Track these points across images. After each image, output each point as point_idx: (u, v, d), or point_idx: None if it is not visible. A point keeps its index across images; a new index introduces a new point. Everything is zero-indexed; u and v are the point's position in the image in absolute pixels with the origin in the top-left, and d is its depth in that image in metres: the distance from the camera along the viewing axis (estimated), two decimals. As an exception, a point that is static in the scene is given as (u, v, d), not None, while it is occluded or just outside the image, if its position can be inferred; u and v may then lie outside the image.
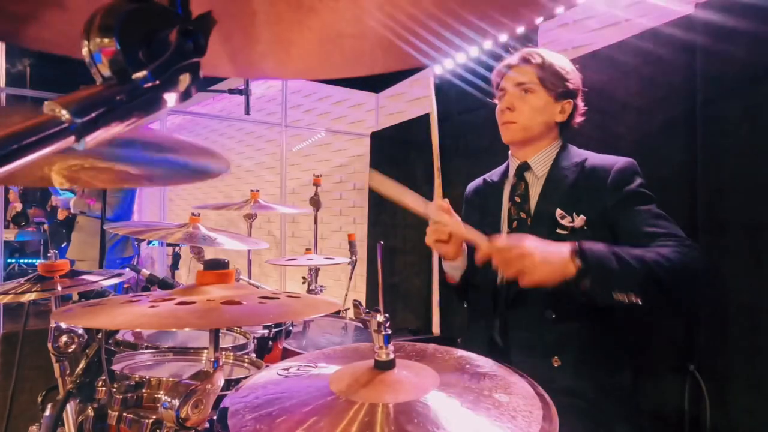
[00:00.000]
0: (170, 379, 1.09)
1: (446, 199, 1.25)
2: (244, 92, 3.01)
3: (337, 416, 0.63)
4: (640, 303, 1.07)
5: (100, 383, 1.06)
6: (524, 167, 1.38)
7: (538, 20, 0.47)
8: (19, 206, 6.29)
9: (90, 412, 1.04)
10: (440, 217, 1.21)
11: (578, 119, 1.41)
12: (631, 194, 1.24)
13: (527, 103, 1.34)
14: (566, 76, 1.35)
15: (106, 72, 0.33)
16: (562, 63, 1.37)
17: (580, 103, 1.40)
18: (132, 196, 3.72)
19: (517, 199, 1.37)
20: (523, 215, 1.35)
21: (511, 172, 1.42)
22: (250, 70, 0.59)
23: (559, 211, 1.27)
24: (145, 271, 1.42)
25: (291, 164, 5.06)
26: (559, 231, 1.26)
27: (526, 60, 1.36)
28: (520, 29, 0.48)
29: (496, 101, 1.44)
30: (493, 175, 1.51)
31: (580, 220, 1.24)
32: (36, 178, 0.69)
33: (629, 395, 1.28)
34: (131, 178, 0.76)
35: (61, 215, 4.02)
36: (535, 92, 1.34)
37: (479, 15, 0.46)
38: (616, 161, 1.29)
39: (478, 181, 1.56)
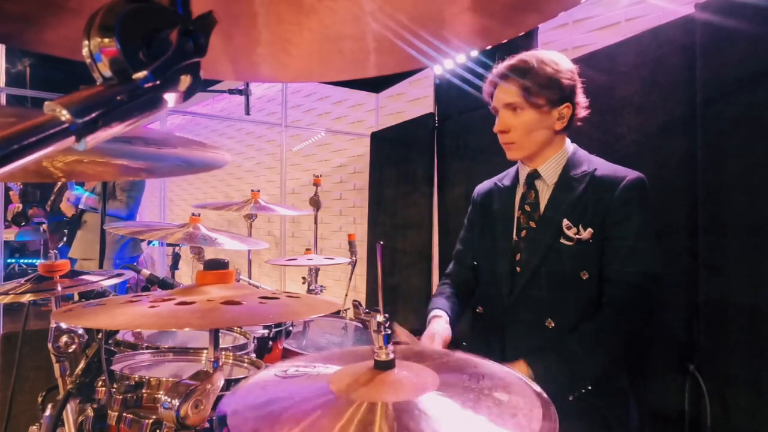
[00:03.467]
0: (170, 379, 1.09)
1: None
2: (244, 92, 3.01)
3: (337, 415, 0.64)
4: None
5: (100, 383, 1.06)
6: (534, 175, 1.35)
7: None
8: (18, 206, 6.30)
9: (90, 412, 1.04)
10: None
11: (581, 114, 1.34)
12: (628, 226, 1.21)
13: (520, 121, 1.28)
14: (558, 79, 1.26)
15: (107, 72, 0.33)
16: (550, 66, 1.27)
17: (581, 99, 1.32)
18: (141, 197, 3.73)
19: (527, 208, 1.34)
20: (532, 224, 1.32)
21: (522, 179, 1.39)
22: (250, 72, 0.59)
23: (565, 222, 1.25)
24: (146, 271, 1.42)
25: (291, 164, 5.06)
26: (563, 241, 1.24)
27: (508, 75, 1.29)
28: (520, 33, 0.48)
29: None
30: (504, 179, 1.47)
31: (587, 234, 1.23)
32: (33, 172, 0.69)
33: (628, 398, 1.28)
34: (131, 171, 0.76)
35: (68, 212, 4.00)
36: (524, 109, 1.27)
37: (479, 20, 0.46)
38: (626, 175, 1.24)
39: (489, 184, 1.51)
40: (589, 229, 1.23)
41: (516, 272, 1.32)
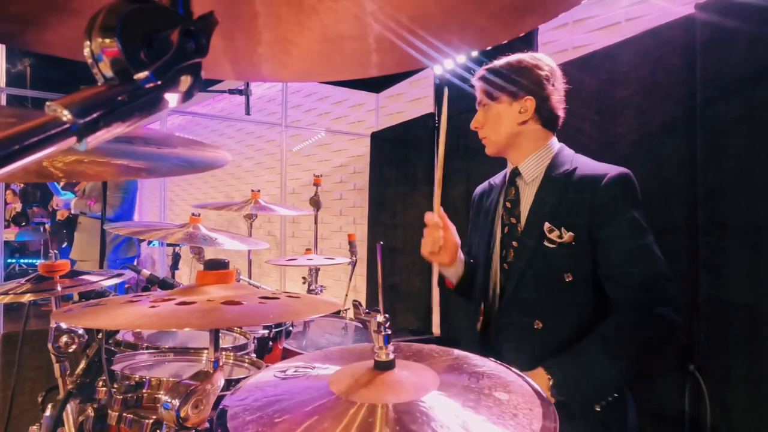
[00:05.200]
0: (170, 379, 1.09)
1: (442, 211, 1.31)
2: (245, 92, 3.01)
3: (338, 417, 0.64)
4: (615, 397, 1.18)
5: (101, 383, 1.06)
6: (515, 172, 1.38)
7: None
8: (18, 206, 6.30)
9: (90, 412, 1.04)
10: (435, 230, 1.31)
11: (557, 109, 1.34)
12: (617, 225, 1.20)
13: (486, 117, 1.37)
14: (513, 73, 1.32)
15: (108, 72, 0.33)
16: (511, 62, 1.34)
17: (552, 94, 1.33)
18: (133, 197, 3.72)
19: (508, 205, 1.37)
20: (513, 220, 1.35)
21: (506, 176, 1.43)
22: (251, 72, 0.59)
23: (547, 225, 1.26)
24: (146, 272, 1.42)
25: (291, 164, 5.06)
26: (546, 244, 1.25)
27: (478, 78, 1.39)
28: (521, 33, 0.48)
29: None
30: (497, 177, 1.51)
31: (568, 237, 1.23)
32: (34, 172, 0.69)
33: (626, 400, 1.27)
34: (130, 171, 0.76)
35: (61, 216, 4.02)
36: (488, 105, 1.36)
37: (479, 21, 0.46)
38: (606, 173, 1.23)
39: (485, 184, 1.56)
40: (570, 233, 1.23)
41: (504, 270, 1.34)
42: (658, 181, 1.73)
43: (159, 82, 0.34)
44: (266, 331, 1.62)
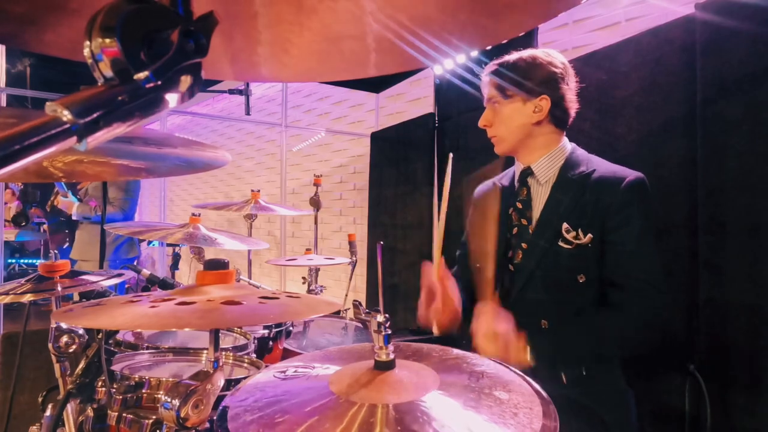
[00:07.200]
0: (170, 379, 1.09)
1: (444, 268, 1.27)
2: (245, 92, 3.01)
3: (338, 417, 0.64)
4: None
5: (100, 383, 1.06)
6: (527, 172, 1.35)
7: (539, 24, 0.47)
8: (14, 206, 6.30)
9: (90, 412, 1.04)
10: (432, 295, 1.28)
11: (571, 109, 1.33)
12: (629, 229, 1.20)
13: (497, 115, 1.34)
14: (530, 71, 1.29)
15: (108, 72, 0.33)
16: (526, 59, 1.31)
17: (566, 93, 1.31)
18: (137, 198, 3.73)
19: (519, 205, 1.35)
20: (524, 222, 1.33)
21: (516, 176, 1.40)
22: (250, 72, 0.59)
23: (565, 225, 1.24)
24: (146, 272, 1.42)
25: (291, 164, 5.06)
26: (561, 244, 1.24)
27: (489, 72, 1.35)
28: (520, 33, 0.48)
29: None
30: (504, 178, 1.47)
31: (587, 239, 1.22)
32: (34, 172, 0.70)
33: (626, 400, 1.28)
34: (130, 171, 0.77)
35: (67, 209, 4.02)
36: (500, 103, 1.33)
37: (479, 20, 0.46)
38: (626, 176, 1.23)
39: (488, 183, 1.52)
40: (589, 235, 1.22)
41: (509, 272, 1.33)
42: (658, 181, 1.73)
43: (159, 82, 0.34)
44: (266, 331, 1.62)
